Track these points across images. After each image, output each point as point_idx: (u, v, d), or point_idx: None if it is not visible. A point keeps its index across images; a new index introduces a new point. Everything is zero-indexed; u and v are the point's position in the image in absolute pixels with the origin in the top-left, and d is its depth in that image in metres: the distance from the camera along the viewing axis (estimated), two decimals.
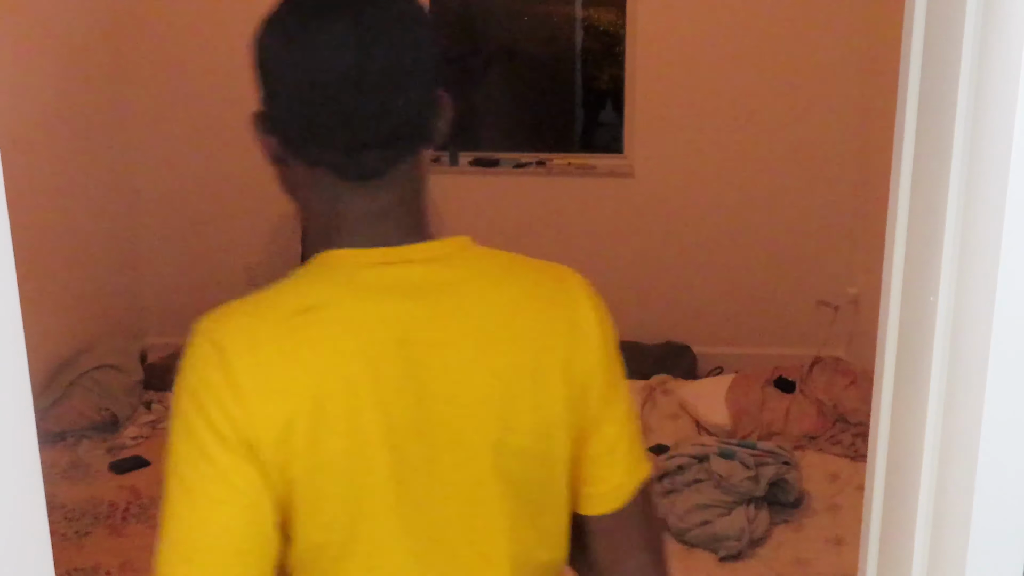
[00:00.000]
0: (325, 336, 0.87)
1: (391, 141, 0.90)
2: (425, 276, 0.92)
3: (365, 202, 0.92)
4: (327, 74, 0.86)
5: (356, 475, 0.87)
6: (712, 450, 2.92)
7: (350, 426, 0.86)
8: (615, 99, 4.44)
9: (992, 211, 0.66)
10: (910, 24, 0.80)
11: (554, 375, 0.94)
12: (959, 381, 0.71)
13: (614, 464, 0.99)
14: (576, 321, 0.96)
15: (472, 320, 0.92)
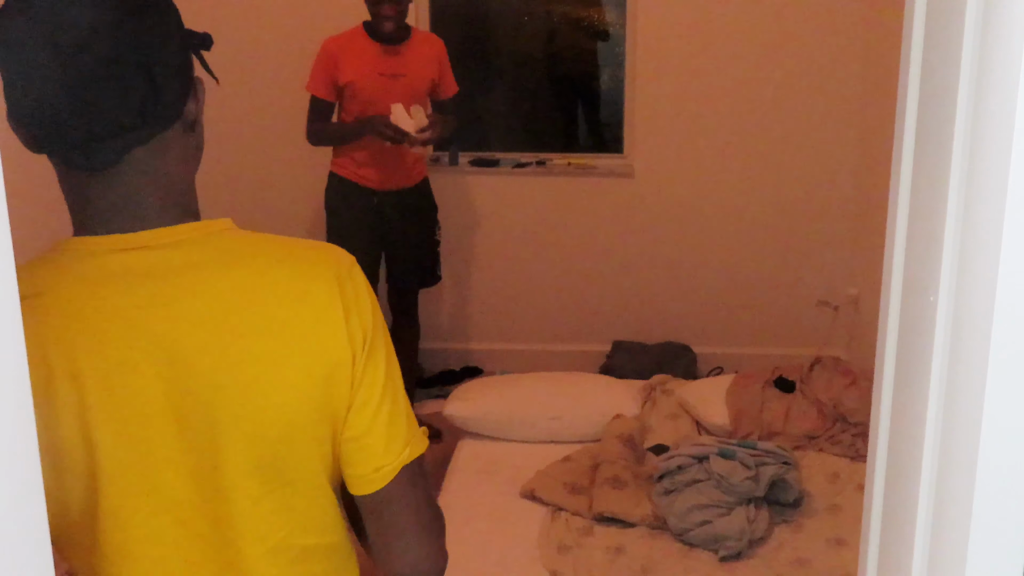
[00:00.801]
0: (40, 325, 0.88)
1: (115, 131, 0.90)
2: (157, 262, 0.92)
3: (102, 191, 0.92)
4: (42, 68, 0.86)
5: (83, 458, 0.89)
6: (712, 450, 2.92)
7: (75, 413, 0.88)
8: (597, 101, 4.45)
9: (992, 211, 0.66)
10: (910, 24, 0.80)
11: (292, 361, 0.94)
12: (959, 381, 0.72)
13: (369, 447, 0.99)
14: (317, 307, 0.95)
15: (205, 306, 0.92)
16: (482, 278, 4.41)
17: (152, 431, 0.91)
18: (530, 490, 2.95)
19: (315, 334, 0.95)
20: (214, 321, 0.92)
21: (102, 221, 0.93)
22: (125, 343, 0.90)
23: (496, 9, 4.57)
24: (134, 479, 0.92)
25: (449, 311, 4.49)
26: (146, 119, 0.91)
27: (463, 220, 4.35)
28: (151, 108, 0.91)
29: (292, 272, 0.96)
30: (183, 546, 0.95)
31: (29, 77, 0.87)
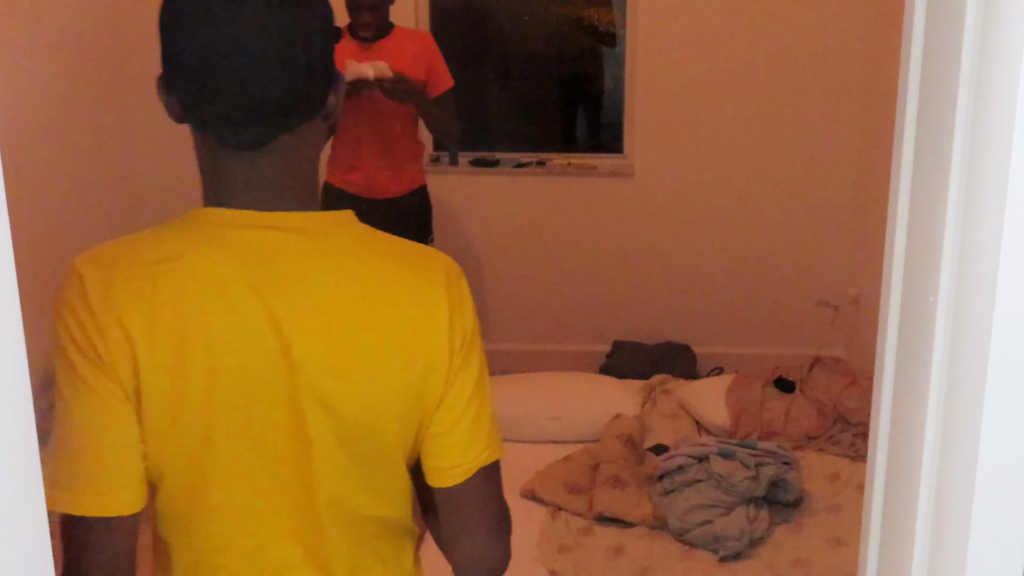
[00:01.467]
0: (171, 286, 0.94)
1: (270, 115, 0.95)
2: (284, 244, 0.97)
3: (244, 169, 0.97)
4: (212, 46, 0.92)
5: (180, 414, 0.95)
6: (712, 450, 2.92)
7: (178, 370, 0.94)
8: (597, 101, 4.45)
9: (992, 211, 0.66)
10: (910, 24, 0.80)
11: (394, 356, 1.00)
12: (959, 381, 0.72)
13: (452, 445, 1.05)
14: (426, 307, 1.01)
15: (320, 292, 0.97)
16: (482, 278, 4.41)
17: (263, 397, 0.97)
18: (530, 490, 2.95)
19: (419, 332, 1.00)
20: (327, 308, 0.97)
21: (236, 196, 0.98)
22: (247, 314, 0.95)
23: (496, 9, 4.57)
24: (245, 439, 0.98)
25: None
26: (299, 107, 0.97)
27: (463, 220, 4.35)
28: (304, 97, 0.97)
29: (405, 272, 1.02)
30: (275, 501, 1.02)
31: (202, 53, 0.92)
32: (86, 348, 0.92)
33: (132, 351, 0.92)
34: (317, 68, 0.97)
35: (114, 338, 0.92)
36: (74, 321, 0.92)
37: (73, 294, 0.93)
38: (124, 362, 0.92)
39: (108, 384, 0.92)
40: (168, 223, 1.01)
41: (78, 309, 0.92)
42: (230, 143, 0.96)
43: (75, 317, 0.92)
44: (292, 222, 0.98)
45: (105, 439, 0.93)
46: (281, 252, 0.97)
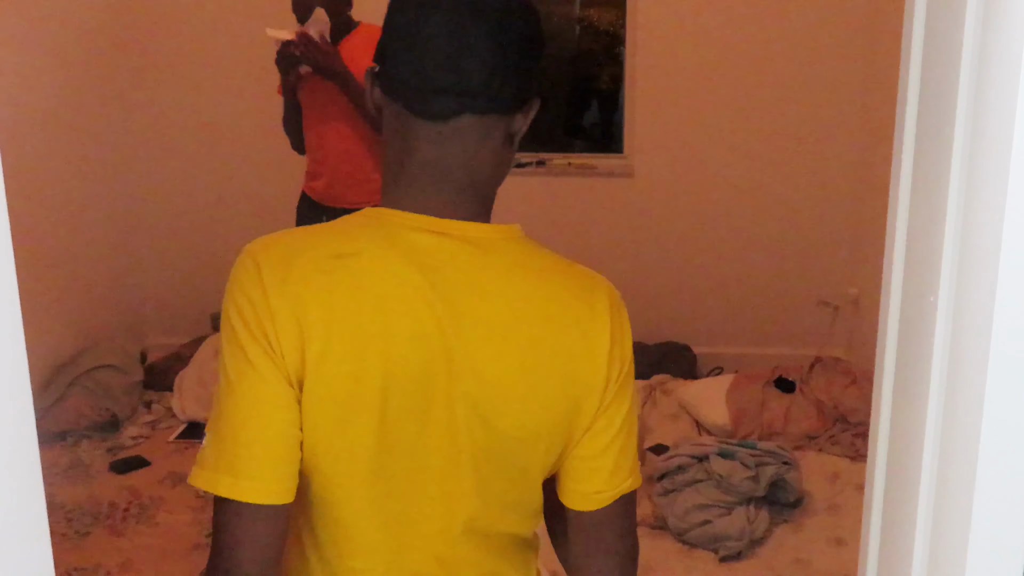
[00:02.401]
0: (349, 282, 0.95)
1: (463, 91, 0.97)
2: (456, 253, 0.98)
3: (426, 146, 0.99)
4: (429, 23, 0.95)
5: (346, 412, 0.95)
6: (712, 450, 2.92)
7: (351, 369, 0.94)
8: (611, 99, 4.45)
9: (992, 211, 0.66)
10: (910, 24, 0.80)
11: (553, 377, 0.99)
12: (959, 381, 0.71)
13: (598, 470, 1.05)
14: (588, 332, 1.01)
15: (487, 305, 0.98)
16: None
17: (424, 403, 0.97)
18: None
19: (580, 357, 1.00)
20: (492, 321, 0.98)
21: (418, 188, 0.99)
22: (419, 318, 0.96)
23: None
24: (401, 442, 0.98)
25: None
26: (490, 92, 0.98)
27: None
28: (498, 86, 0.98)
29: (571, 295, 1.02)
30: (416, 509, 1.02)
31: (432, 24, 0.95)
32: (258, 334, 0.92)
33: (302, 342, 0.92)
34: (518, 70, 0.99)
35: (286, 327, 0.92)
36: (248, 305, 0.93)
37: (248, 279, 0.95)
38: (293, 352, 0.92)
39: (276, 372, 0.92)
40: (343, 220, 1.02)
41: (253, 294, 0.93)
42: (420, 111, 0.98)
43: (249, 302, 0.94)
44: (466, 231, 0.99)
45: (269, 426, 0.93)
46: (453, 261, 0.98)
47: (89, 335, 4.10)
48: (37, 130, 3.76)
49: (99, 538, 2.98)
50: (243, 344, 0.93)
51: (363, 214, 1.01)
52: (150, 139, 4.44)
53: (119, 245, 4.47)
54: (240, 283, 0.96)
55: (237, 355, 0.94)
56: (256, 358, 0.93)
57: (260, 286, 0.93)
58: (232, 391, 0.94)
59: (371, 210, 1.01)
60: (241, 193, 4.46)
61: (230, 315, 0.96)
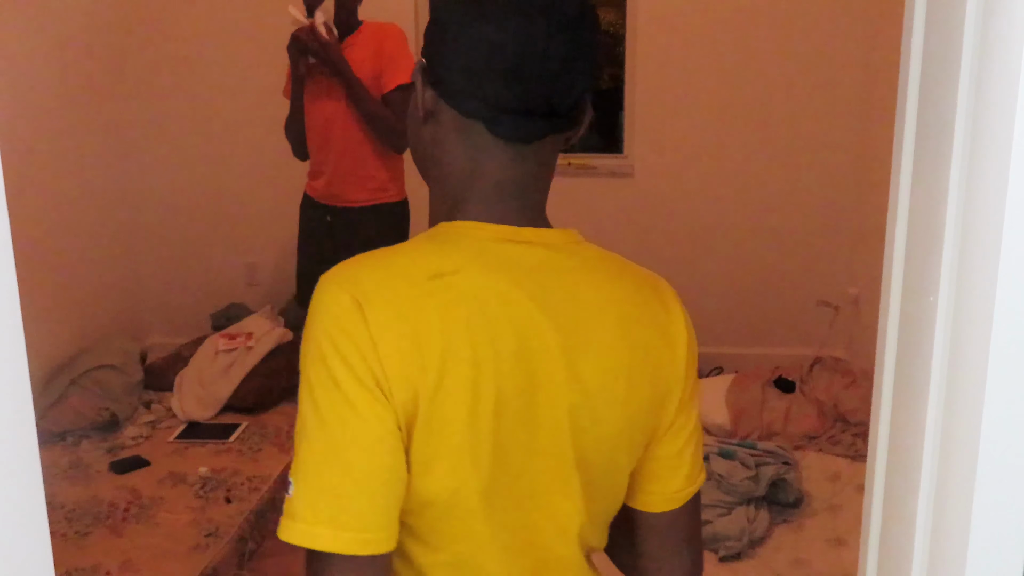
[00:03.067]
0: (454, 302, 0.89)
1: (550, 114, 0.94)
2: (544, 259, 0.95)
3: (505, 166, 0.96)
4: (516, 36, 0.89)
5: (465, 438, 0.90)
6: (712, 450, 2.92)
7: (469, 392, 0.88)
8: (611, 99, 4.44)
9: (992, 211, 0.66)
10: (910, 24, 0.80)
11: (644, 377, 0.97)
12: (959, 381, 0.71)
13: (679, 468, 1.03)
14: (668, 330, 1.00)
15: (582, 310, 0.95)
16: None
17: (534, 415, 0.94)
18: None
19: (664, 354, 0.99)
20: (591, 326, 0.95)
21: (492, 202, 0.96)
22: (530, 333, 0.92)
23: None
24: (512, 461, 0.94)
25: None
26: (570, 112, 0.96)
27: None
28: (578, 103, 0.96)
29: (646, 292, 1.02)
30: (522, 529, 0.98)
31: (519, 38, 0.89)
32: (363, 376, 0.85)
33: (416, 377, 0.86)
34: (593, 81, 0.96)
35: (398, 365, 0.85)
36: (350, 346, 0.85)
37: (348, 318, 0.86)
38: (405, 391, 0.86)
39: (383, 414, 0.86)
40: (418, 239, 0.95)
41: (356, 334, 0.85)
42: (508, 135, 0.94)
43: (352, 342, 0.85)
44: (545, 238, 0.97)
45: (375, 472, 0.86)
46: (543, 267, 0.95)
47: (89, 335, 4.10)
48: (37, 130, 3.76)
49: (99, 538, 2.98)
50: (344, 388, 0.85)
51: (441, 230, 0.95)
52: (150, 139, 4.43)
53: (119, 245, 4.47)
54: (337, 322, 0.86)
55: (335, 400, 0.85)
56: (360, 402, 0.85)
57: (363, 324, 0.85)
58: (330, 437, 0.86)
59: (448, 225, 0.95)
60: (241, 193, 4.46)
61: (326, 357, 0.86)
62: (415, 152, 1.03)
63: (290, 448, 3.61)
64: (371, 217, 3.31)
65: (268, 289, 4.53)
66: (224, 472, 3.40)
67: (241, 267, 4.57)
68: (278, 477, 3.39)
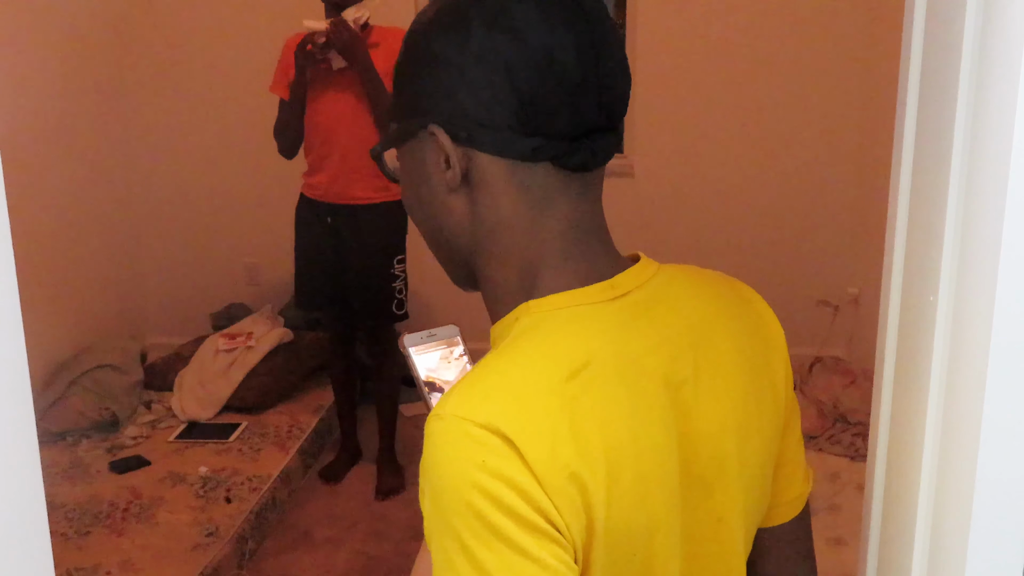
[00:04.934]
0: (600, 397, 0.77)
1: (612, 127, 0.85)
2: (653, 303, 0.84)
3: (576, 204, 0.85)
4: (572, 46, 0.78)
5: (648, 538, 0.80)
6: None
7: (641, 489, 0.78)
8: None
9: (992, 211, 0.66)
10: (910, 24, 0.80)
11: (767, 395, 0.89)
12: (959, 381, 0.71)
13: (795, 471, 0.95)
14: (768, 335, 0.92)
15: (707, 346, 0.85)
16: None
17: (704, 478, 0.84)
18: None
19: (772, 362, 0.91)
20: (718, 362, 0.85)
21: (571, 258, 0.84)
22: (670, 393, 0.81)
23: None
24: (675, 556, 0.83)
25: (450, 310, 4.48)
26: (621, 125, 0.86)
27: None
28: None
29: (738, 301, 0.93)
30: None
31: (575, 48, 0.78)
32: (534, 520, 0.71)
33: (587, 500, 0.74)
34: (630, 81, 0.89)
35: (567, 494, 0.73)
36: (511, 494, 0.71)
37: (498, 461, 0.71)
38: (578, 517, 0.74)
39: (562, 553, 0.73)
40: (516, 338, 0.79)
41: (513, 477, 0.71)
42: (578, 162, 0.83)
43: (512, 488, 0.71)
44: (637, 279, 0.85)
45: None
46: (644, 314, 0.83)
47: (89, 335, 4.10)
48: (37, 130, 3.76)
49: (99, 538, 2.98)
50: (514, 540, 0.71)
51: (540, 312, 0.81)
52: (150, 139, 4.43)
53: (119, 245, 4.47)
54: (486, 468, 0.72)
55: (502, 554, 0.71)
56: (536, 549, 0.71)
57: (520, 463, 0.71)
58: None
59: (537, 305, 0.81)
60: (241, 193, 4.46)
61: (482, 513, 0.71)
62: (439, 234, 0.87)
63: (290, 447, 3.61)
64: (374, 215, 3.31)
65: (268, 289, 4.53)
66: (224, 472, 3.40)
67: (241, 267, 4.57)
68: (277, 476, 3.39)
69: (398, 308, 3.42)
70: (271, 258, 4.50)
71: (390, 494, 3.50)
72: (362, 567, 3.11)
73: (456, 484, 0.72)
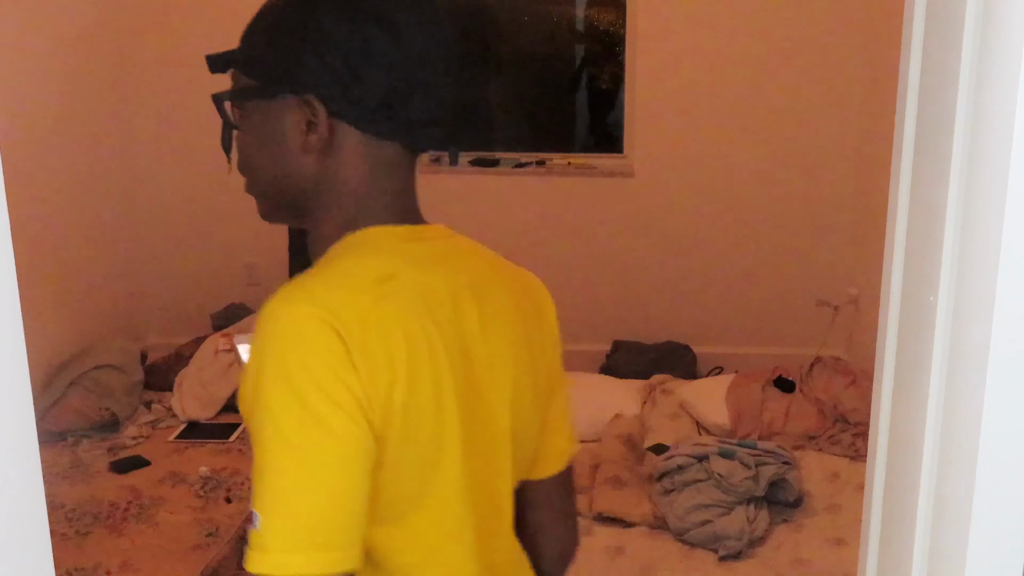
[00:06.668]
0: (405, 303, 0.92)
1: (451, 119, 1.00)
2: (446, 252, 1.01)
3: (403, 176, 1.00)
4: (417, 51, 0.94)
5: (437, 432, 0.93)
6: (712, 450, 2.92)
7: (434, 388, 0.92)
8: (611, 99, 4.45)
9: (992, 211, 0.66)
10: (910, 24, 0.80)
11: (538, 353, 1.07)
12: (959, 381, 0.72)
13: (560, 431, 1.12)
14: (544, 315, 1.11)
15: (485, 288, 1.01)
16: None
17: (481, 398, 0.99)
18: None
19: (545, 333, 1.09)
20: (497, 307, 1.02)
21: (392, 209, 0.99)
22: (456, 324, 0.96)
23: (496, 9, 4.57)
24: (459, 454, 0.96)
25: None
26: None
27: (463, 220, 4.34)
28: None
29: (527, 286, 1.11)
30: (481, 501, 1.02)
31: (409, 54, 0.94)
32: (341, 398, 0.85)
33: (389, 385, 0.87)
34: None
35: (374, 379, 0.86)
36: (329, 374, 0.84)
37: (326, 345, 0.85)
38: (379, 400, 0.87)
39: (359, 433, 0.86)
40: (335, 252, 0.97)
41: (334, 361, 0.85)
42: (424, 146, 0.99)
43: (331, 370, 0.84)
44: (437, 232, 1.03)
45: (352, 491, 0.86)
46: (447, 258, 1.00)
47: (89, 335, 4.10)
48: (37, 130, 3.76)
49: (99, 538, 2.98)
50: (319, 413, 0.84)
51: (356, 240, 0.97)
52: (150, 139, 4.43)
53: (119, 245, 4.47)
54: (314, 350, 0.85)
55: (307, 424, 0.84)
56: (336, 422, 0.84)
57: (343, 349, 0.85)
58: (305, 462, 0.84)
59: (362, 233, 0.97)
60: (241, 193, 4.46)
61: (297, 387, 0.84)
62: (277, 182, 1.03)
63: None
64: None
65: (268, 289, 4.50)
66: (224, 472, 3.40)
67: (241, 267, 4.57)
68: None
69: None
70: (271, 258, 4.50)
71: None
72: None
73: (284, 365, 0.85)
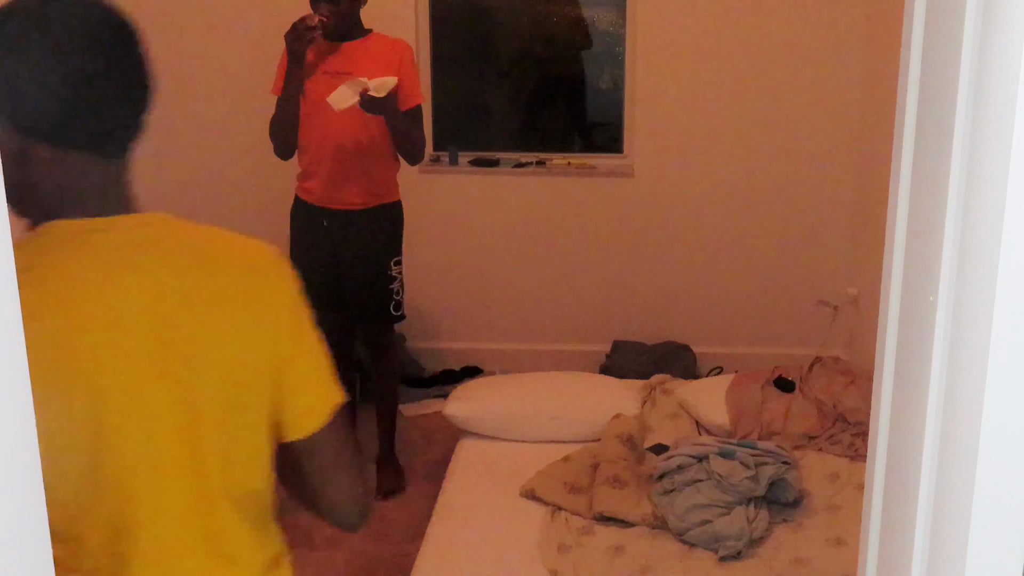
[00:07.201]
0: (41, 292, 1.02)
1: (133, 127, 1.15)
2: (125, 239, 1.10)
3: (98, 175, 1.11)
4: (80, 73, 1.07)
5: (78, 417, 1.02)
6: (712, 450, 2.92)
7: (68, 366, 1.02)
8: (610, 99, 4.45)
9: (992, 211, 0.66)
10: (910, 24, 0.80)
11: (245, 325, 1.13)
12: (959, 381, 0.72)
13: (308, 392, 1.18)
14: (262, 278, 1.18)
15: (166, 275, 1.10)
16: (482, 278, 4.41)
17: (149, 385, 1.07)
18: (530, 490, 2.95)
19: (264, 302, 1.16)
20: (174, 286, 1.10)
21: (83, 206, 1.10)
22: (115, 308, 1.06)
23: (496, 9, 4.57)
24: (138, 433, 1.06)
25: (449, 311, 4.49)
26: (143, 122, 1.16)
27: (463, 220, 4.35)
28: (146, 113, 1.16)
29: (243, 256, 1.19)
30: (172, 492, 1.10)
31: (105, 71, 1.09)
32: None
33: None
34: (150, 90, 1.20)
35: None
36: None
37: None
38: None
39: None
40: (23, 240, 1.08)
41: None
42: (108, 152, 1.11)
43: None
44: (127, 222, 1.11)
45: None
46: (127, 247, 1.10)
47: None
48: None
49: None
50: None
51: (40, 230, 1.08)
52: (148, 139, 4.43)
53: None
54: None
55: None
56: None
57: None
58: None
59: (47, 225, 1.08)
60: (239, 193, 4.46)
61: None
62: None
63: None
64: (369, 219, 3.34)
65: None
66: None
67: None
68: None
69: (395, 309, 3.46)
70: None
71: (390, 494, 3.50)
72: (362, 567, 3.11)
73: None
